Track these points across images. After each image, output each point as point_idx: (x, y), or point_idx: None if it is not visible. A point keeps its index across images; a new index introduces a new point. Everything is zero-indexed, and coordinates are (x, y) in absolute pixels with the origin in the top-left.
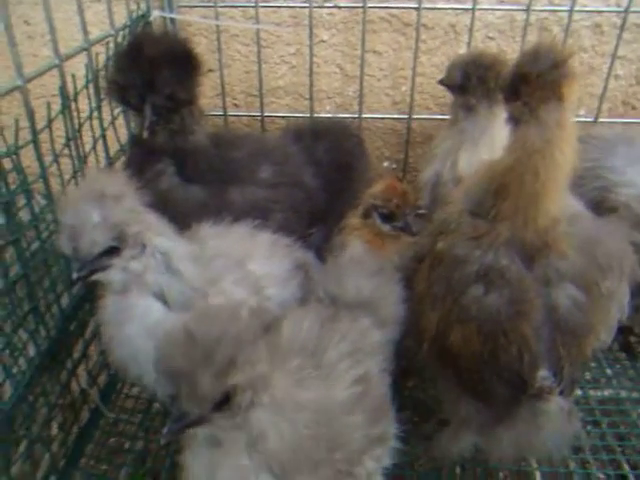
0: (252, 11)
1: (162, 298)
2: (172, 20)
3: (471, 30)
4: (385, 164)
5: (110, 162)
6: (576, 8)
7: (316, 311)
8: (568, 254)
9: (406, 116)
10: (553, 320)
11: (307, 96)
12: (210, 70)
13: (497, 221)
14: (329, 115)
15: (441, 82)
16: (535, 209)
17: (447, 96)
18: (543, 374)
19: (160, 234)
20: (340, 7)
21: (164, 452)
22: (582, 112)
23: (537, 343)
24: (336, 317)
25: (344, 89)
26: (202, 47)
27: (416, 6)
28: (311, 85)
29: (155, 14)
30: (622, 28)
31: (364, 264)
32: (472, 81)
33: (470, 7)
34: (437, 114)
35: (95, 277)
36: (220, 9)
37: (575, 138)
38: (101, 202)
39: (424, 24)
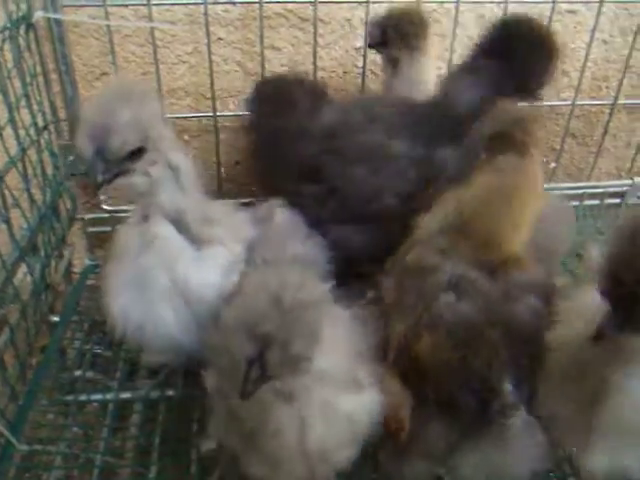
0: (145, 10)
1: (179, 226)
2: (57, 21)
3: (366, 24)
4: None
5: None
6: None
7: None
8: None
9: None
10: (515, 331)
11: (208, 96)
12: (104, 74)
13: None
14: (233, 113)
15: (369, 46)
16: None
17: (349, 88)
18: (508, 387)
19: (172, 148)
20: (235, 3)
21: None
22: None
23: (504, 352)
24: None
25: (246, 87)
26: (93, 50)
27: (312, 0)
28: (212, 84)
29: (38, 15)
30: None
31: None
32: (389, 34)
33: (364, 0)
34: None
35: (118, 181)
36: (110, 8)
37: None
38: (130, 101)
39: (321, 19)
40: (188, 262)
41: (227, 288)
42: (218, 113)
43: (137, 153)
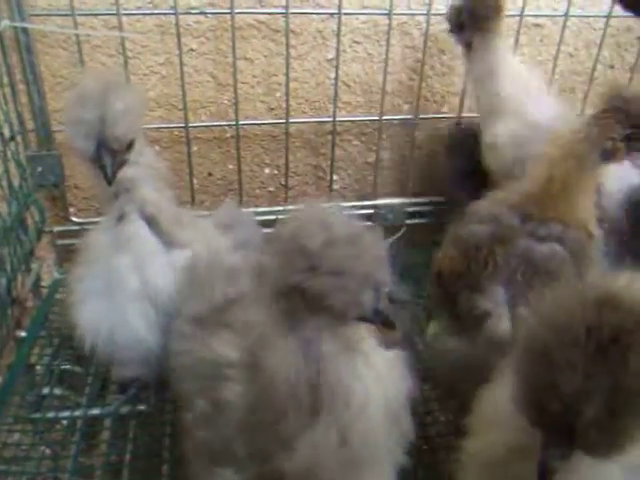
0: (115, 20)
1: (153, 225)
2: (24, 31)
3: (338, 35)
4: (267, 171)
5: None
6: (432, 12)
7: None
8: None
9: (283, 121)
10: (531, 262)
11: (180, 107)
12: (73, 84)
13: None
14: (205, 124)
15: (450, 31)
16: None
17: (321, 99)
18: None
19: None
20: (207, 13)
21: None
22: (445, 109)
23: (502, 264)
24: None
25: (218, 97)
26: (61, 60)
27: (284, 11)
28: (184, 95)
29: (4, 24)
30: None
31: None
32: (462, 16)
33: (336, 12)
34: (313, 117)
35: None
36: (79, 18)
37: None
38: (118, 91)
39: (292, 30)
40: (160, 264)
41: None
42: (190, 124)
43: (130, 143)
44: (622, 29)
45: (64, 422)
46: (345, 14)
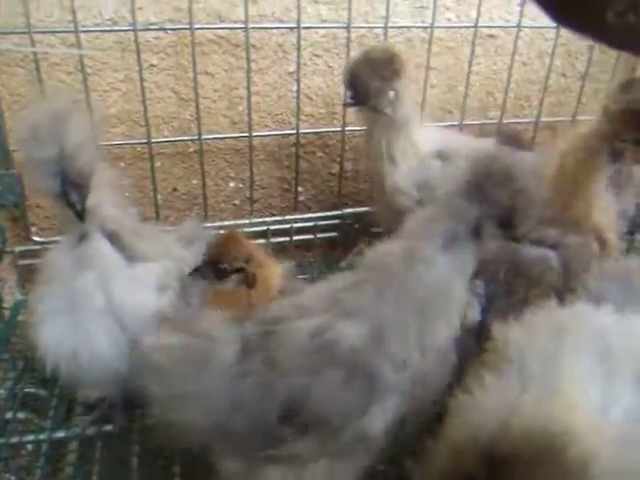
0: (73, 37)
1: (115, 242)
2: None
3: (298, 49)
4: (231, 184)
5: None
6: (390, 25)
7: None
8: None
9: (246, 135)
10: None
11: (142, 123)
12: (31, 103)
13: None
14: (168, 139)
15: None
16: None
17: (284, 112)
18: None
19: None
20: (166, 29)
21: None
22: None
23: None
24: None
25: (180, 113)
26: (19, 78)
27: (243, 26)
28: (145, 111)
29: None
30: (430, 42)
31: None
32: (361, 93)
33: (295, 26)
34: (276, 130)
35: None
36: (36, 36)
37: None
38: (73, 120)
39: (253, 44)
40: (124, 280)
41: (161, 307)
42: (153, 140)
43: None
44: (572, 38)
45: (29, 447)
46: (304, 28)
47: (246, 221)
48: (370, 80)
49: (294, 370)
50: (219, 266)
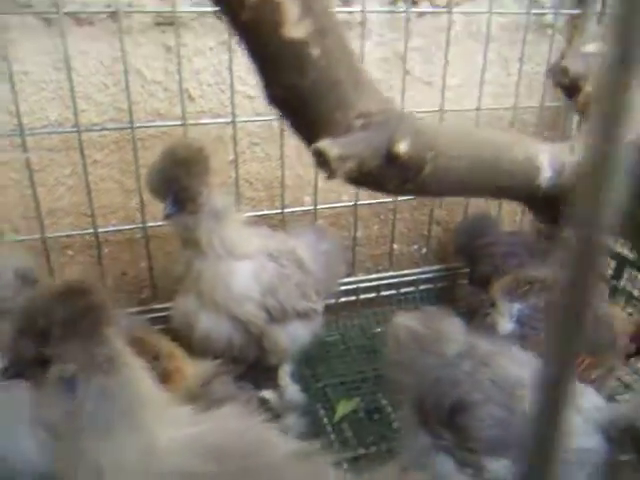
0: (19, 139)
1: None
2: None
3: (234, 140)
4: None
5: None
6: None
7: None
8: None
9: None
10: None
11: (89, 213)
12: None
13: None
14: (114, 228)
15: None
16: None
17: None
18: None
19: None
20: (108, 129)
21: None
22: (345, 197)
23: None
24: None
25: (126, 202)
26: None
27: (181, 123)
28: (91, 202)
29: None
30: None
31: None
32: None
33: (230, 121)
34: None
35: None
36: None
37: None
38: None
39: (193, 137)
40: None
41: None
42: (100, 229)
43: None
44: (494, 117)
45: None
46: (239, 122)
47: None
48: (188, 182)
49: None
50: None
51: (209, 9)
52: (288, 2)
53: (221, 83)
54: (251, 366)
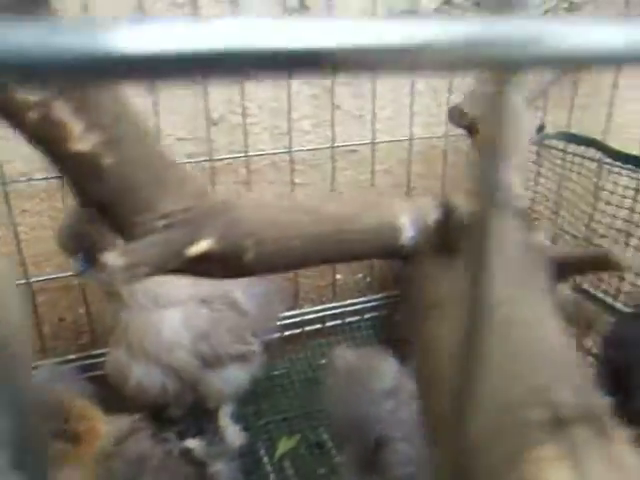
0: None
1: None
2: None
3: None
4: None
5: None
6: (251, 153)
7: None
8: None
9: None
10: None
11: (21, 263)
12: None
13: None
14: (49, 277)
15: None
16: None
17: None
18: None
19: None
20: (35, 180)
21: None
22: None
23: None
24: None
25: (60, 250)
26: None
27: None
28: (20, 252)
29: None
30: (291, 163)
31: None
32: None
33: None
34: None
35: None
36: None
37: None
38: None
39: None
40: None
41: None
42: (34, 278)
43: None
44: (428, 146)
45: None
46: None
47: None
48: (99, 237)
49: None
50: None
51: None
52: (70, 119)
53: None
54: (191, 409)
